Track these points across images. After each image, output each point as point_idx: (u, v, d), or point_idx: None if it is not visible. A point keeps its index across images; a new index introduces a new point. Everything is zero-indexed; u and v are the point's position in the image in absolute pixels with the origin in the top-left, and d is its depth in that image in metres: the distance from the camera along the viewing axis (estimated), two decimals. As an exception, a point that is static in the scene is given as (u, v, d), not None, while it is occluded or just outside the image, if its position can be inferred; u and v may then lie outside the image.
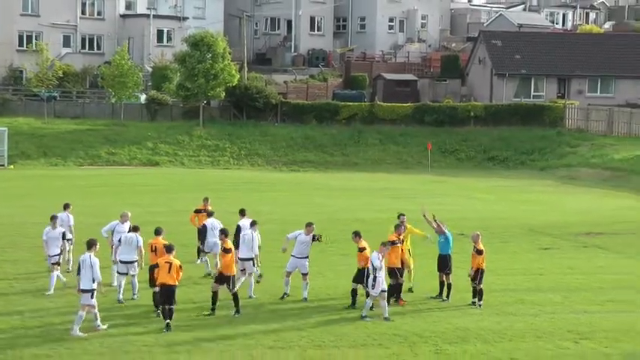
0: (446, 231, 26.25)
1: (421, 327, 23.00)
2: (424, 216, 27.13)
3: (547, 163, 67.60)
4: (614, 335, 22.74)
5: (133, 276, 24.99)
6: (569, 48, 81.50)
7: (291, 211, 42.65)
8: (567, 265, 31.67)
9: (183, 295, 24.22)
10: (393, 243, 24.92)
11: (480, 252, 25.29)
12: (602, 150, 66.50)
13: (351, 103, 74.93)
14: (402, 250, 25.51)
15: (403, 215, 26.90)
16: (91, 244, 22.14)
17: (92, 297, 21.77)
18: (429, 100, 79.78)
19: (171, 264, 22.32)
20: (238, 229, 27.12)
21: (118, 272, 25.15)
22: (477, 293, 25.39)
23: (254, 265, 25.88)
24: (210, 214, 29.21)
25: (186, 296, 24.79)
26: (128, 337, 21.59)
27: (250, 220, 26.62)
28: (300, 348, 21.12)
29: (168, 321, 22.12)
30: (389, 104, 74.94)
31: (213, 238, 27.57)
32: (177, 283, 22.42)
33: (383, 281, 23.51)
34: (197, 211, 30.39)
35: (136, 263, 24.94)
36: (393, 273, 24.95)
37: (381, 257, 23.57)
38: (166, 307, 22.19)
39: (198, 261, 29.30)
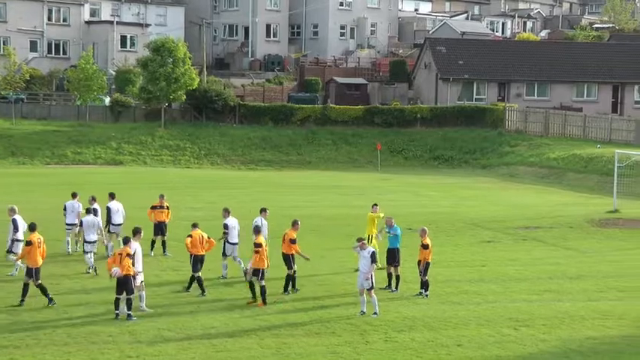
0: (395, 226, 26.38)
1: (372, 316, 22.98)
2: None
3: (488, 162, 68.01)
4: (551, 322, 22.92)
5: (93, 254, 26.92)
6: (509, 54, 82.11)
7: (248, 207, 42.41)
8: (508, 257, 31.87)
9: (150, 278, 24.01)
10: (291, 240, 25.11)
11: (425, 246, 25.38)
12: (539, 149, 67.03)
13: (305, 106, 74.82)
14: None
15: (376, 205, 28.92)
16: (135, 232, 22.99)
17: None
18: (378, 102, 79.92)
19: (121, 254, 22.14)
20: (225, 226, 26.91)
21: (84, 251, 27.20)
22: (423, 284, 25.49)
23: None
24: (166, 209, 29.97)
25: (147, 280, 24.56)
26: (93, 327, 21.35)
27: (260, 208, 27.64)
28: (258, 337, 21.03)
29: (129, 312, 21.96)
30: (341, 106, 74.94)
31: (234, 239, 27.02)
32: (131, 273, 22.13)
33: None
34: (153, 208, 30.24)
35: (96, 243, 27.16)
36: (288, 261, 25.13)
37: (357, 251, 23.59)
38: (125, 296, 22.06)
39: (152, 253, 29.53)
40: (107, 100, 73.71)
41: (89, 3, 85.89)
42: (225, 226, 26.83)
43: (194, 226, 25.63)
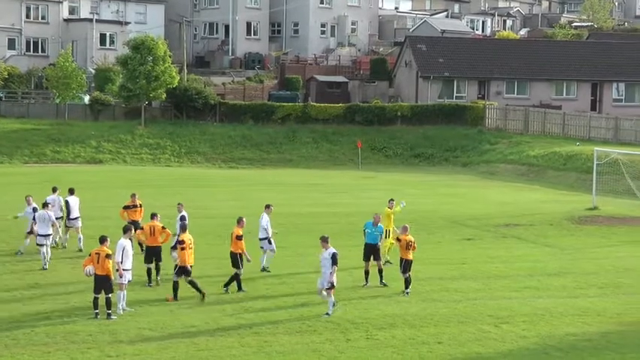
0: (380, 225, 26.62)
1: (353, 314, 23.01)
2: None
3: (469, 160, 68.18)
4: (531, 319, 23.01)
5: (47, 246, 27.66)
6: (489, 53, 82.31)
7: (230, 205, 42.41)
8: (488, 255, 31.97)
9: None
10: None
11: (403, 242, 25.54)
12: (518, 147, 67.23)
13: (285, 104, 74.74)
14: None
15: (392, 200, 29.79)
16: (125, 230, 23.30)
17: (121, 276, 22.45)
18: (359, 100, 79.94)
19: (99, 254, 22.06)
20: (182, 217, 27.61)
21: (37, 244, 27.97)
22: (405, 282, 25.54)
23: (270, 242, 27.72)
24: (139, 207, 30.17)
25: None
26: (72, 326, 21.25)
27: (265, 205, 28.15)
28: (239, 335, 21.00)
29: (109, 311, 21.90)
30: (321, 105, 74.91)
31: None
32: (110, 274, 22.05)
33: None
34: (126, 207, 30.11)
35: (50, 237, 28.20)
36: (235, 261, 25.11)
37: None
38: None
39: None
40: (86, 99, 73.35)
41: (68, 1, 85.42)
42: (183, 218, 27.49)
43: (153, 216, 26.02)
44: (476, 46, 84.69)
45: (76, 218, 30.51)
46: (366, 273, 26.26)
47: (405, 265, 25.43)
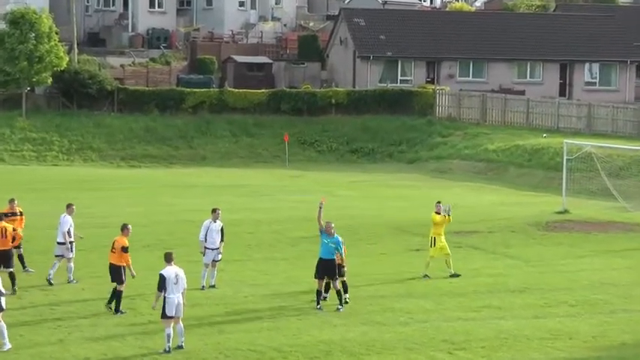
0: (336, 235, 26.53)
1: (279, 341, 22.93)
2: (319, 209, 27.18)
3: (416, 155, 68.62)
4: (491, 344, 23.17)
5: None
6: (439, 28, 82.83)
7: (131, 212, 42.03)
8: (440, 268, 32.10)
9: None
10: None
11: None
12: (475, 140, 67.89)
13: (197, 90, 74.42)
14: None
15: (439, 203, 30.90)
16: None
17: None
18: (285, 85, 79.93)
19: None
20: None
21: None
22: (337, 293, 25.88)
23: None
24: (19, 215, 30.02)
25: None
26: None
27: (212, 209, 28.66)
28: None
29: None
30: (240, 90, 74.75)
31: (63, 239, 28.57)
32: None
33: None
34: (4, 215, 29.56)
35: None
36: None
37: None
38: None
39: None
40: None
41: None
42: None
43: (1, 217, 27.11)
44: (424, 20, 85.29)
45: None
46: (318, 293, 26.15)
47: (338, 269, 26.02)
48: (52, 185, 52.49)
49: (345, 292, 26.28)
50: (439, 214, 30.79)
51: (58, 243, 28.77)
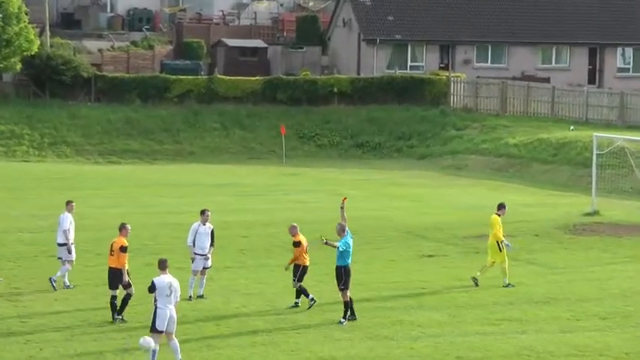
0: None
1: (276, 357, 22.95)
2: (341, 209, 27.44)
3: (428, 150, 68.57)
4: (513, 361, 23.21)
5: None
6: (454, 8, 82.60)
7: (110, 213, 42.05)
8: (455, 276, 32.12)
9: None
10: None
11: (297, 244, 27.31)
12: (494, 133, 67.83)
13: (184, 77, 74.39)
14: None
15: (504, 207, 31.30)
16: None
17: None
18: (281, 72, 79.88)
19: None
20: None
21: None
22: (297, 292, 27.03)
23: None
24: None
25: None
26: None
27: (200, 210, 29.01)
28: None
29: None
30: (232, 78, 74.71)
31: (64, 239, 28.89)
32: None
33: None
34: None
35: None
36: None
37: None
38: None
39: None
40: None
41: None
42: None
43: None
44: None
45: None
46: (346, 304, 26.14)
47: (302, 273, 26.95)
48: (23, 184, 52.57)
49: (345, 314, 26.11)
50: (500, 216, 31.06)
51: (59, 244, 28.73)
